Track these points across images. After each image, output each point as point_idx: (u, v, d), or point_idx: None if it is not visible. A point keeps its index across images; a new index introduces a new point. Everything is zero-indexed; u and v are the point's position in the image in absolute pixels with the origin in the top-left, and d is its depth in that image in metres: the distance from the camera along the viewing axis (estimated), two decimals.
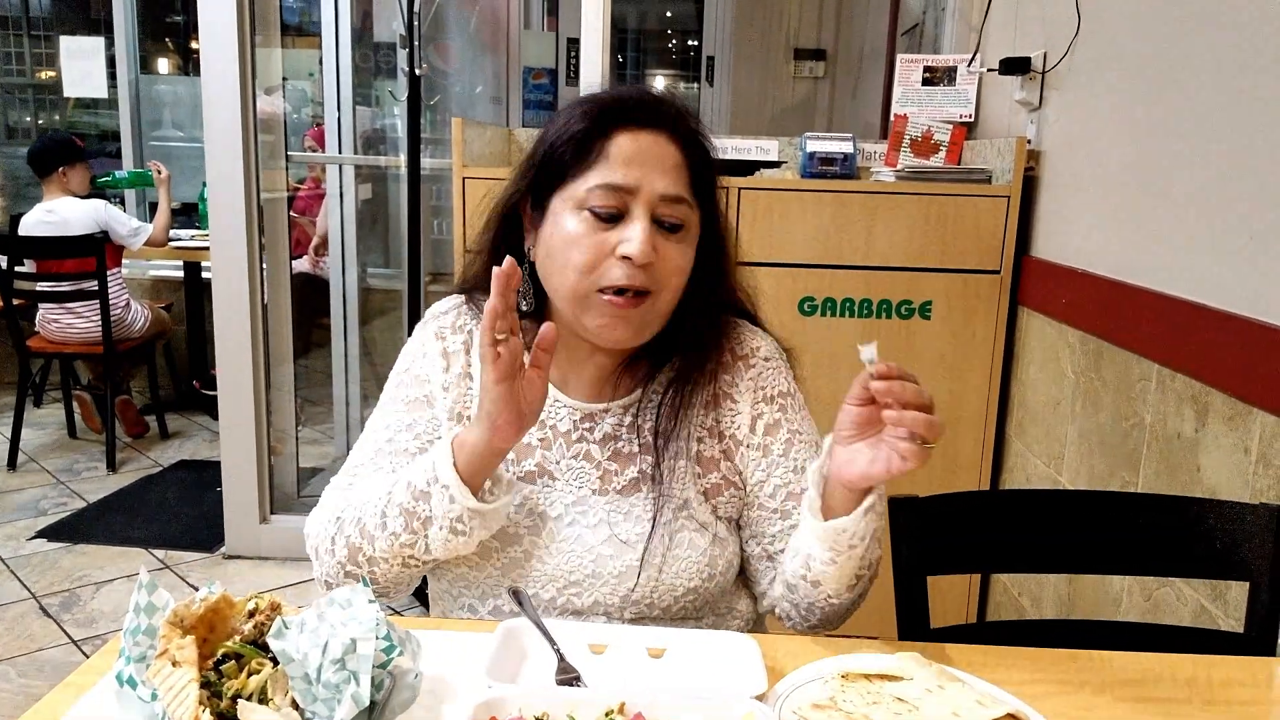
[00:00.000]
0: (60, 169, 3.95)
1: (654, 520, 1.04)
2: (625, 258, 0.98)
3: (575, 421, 1.09)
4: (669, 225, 1.01)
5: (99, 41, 4.65)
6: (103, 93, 4.71)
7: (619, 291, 0.99)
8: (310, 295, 4.11)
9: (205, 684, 0.76)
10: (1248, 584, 1.16)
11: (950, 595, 2.40)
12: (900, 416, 0.86)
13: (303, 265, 4.41)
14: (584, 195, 1.01)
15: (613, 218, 1.00)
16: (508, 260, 0.89)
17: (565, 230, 1.01)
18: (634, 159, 1.00)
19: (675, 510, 1.06)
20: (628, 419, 1.09)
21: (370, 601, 0.78)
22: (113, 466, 3.90)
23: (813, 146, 2.41)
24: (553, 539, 1.04)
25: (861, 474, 0.91)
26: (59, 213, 3.88)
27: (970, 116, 2.61)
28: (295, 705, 0.75)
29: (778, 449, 1.10)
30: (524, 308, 1.09)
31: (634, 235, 0.99)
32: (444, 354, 1.12)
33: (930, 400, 0.87)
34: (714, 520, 1.08)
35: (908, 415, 0.86)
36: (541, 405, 0.96)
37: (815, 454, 1.11)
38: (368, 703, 0.71)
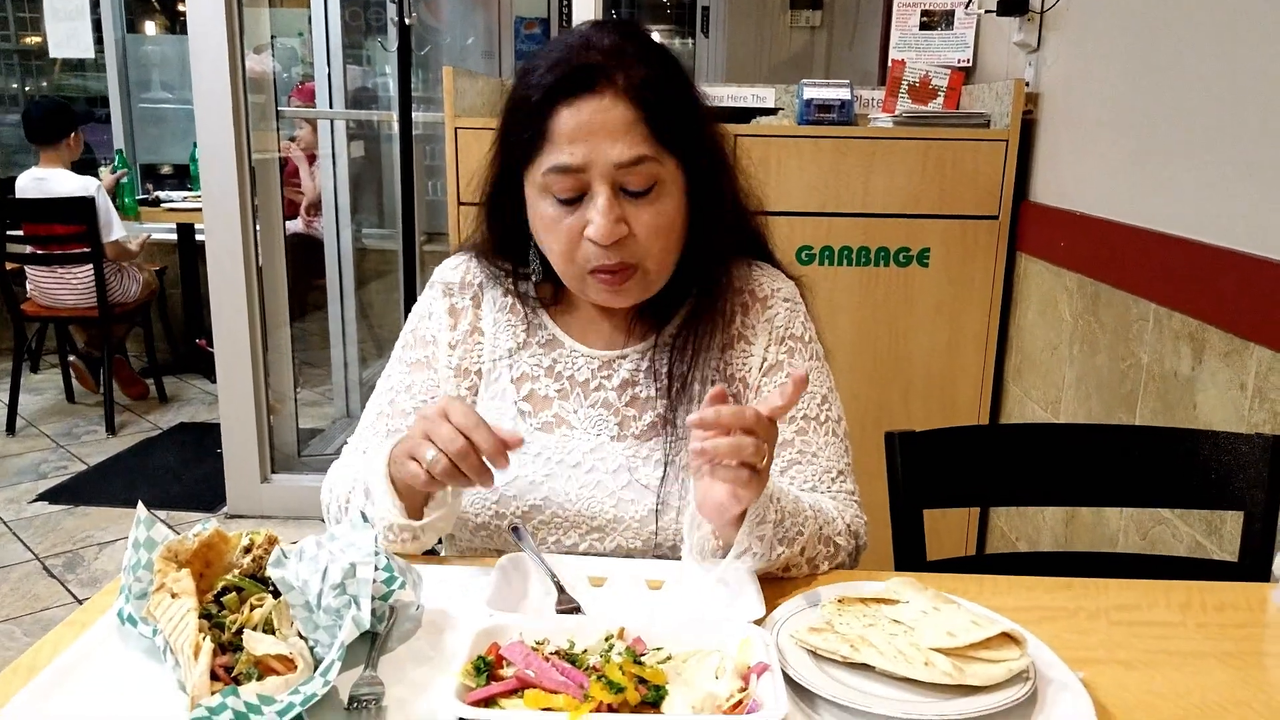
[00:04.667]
0: (67, 138, 3.86)
1: (666, 462, 1.04)
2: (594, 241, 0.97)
3: (594, 370, 1.08)
4: (634, 191, 0.97)
5: (83, 0, 4.57)
6: (90, 53, 4.63)
7: (604, 269, 0.98)
8: (305, 256, 4.08)
9: (206, 616, 0.76)
10: (1242, 515, 1.17)
11: (947, 536, 2.42)
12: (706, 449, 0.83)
13: (296, 226, 4.38)
14: (542, 180, 0.98)
15: (574, 200, 0.97)
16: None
17: (539, 214, 1.00)
18: (578, 134, 0.95)
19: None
20: (645, 364, 1.08)
21: (369, 534, 0.79)
22: (112, 430, 3.91)
23: (810, 93, 2.38)
24: (572, 485, 1.04)
25: (714, 509, 0.89)
26: (52, 180, 3.83)
27: (968, 61, 2.58)
28: (300, 636, 0.76)
29: (769, 391, 1.08)
30: (534, 279, 1.08)
31: (595, 217, 0.96)
32: (450, 311, 1.12)
33: (742, 421, 0.83)
34: None
35: (712, 446, 0.83)
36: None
37: (819, 407, 1.08)
38: (368, 625, 0.71)
